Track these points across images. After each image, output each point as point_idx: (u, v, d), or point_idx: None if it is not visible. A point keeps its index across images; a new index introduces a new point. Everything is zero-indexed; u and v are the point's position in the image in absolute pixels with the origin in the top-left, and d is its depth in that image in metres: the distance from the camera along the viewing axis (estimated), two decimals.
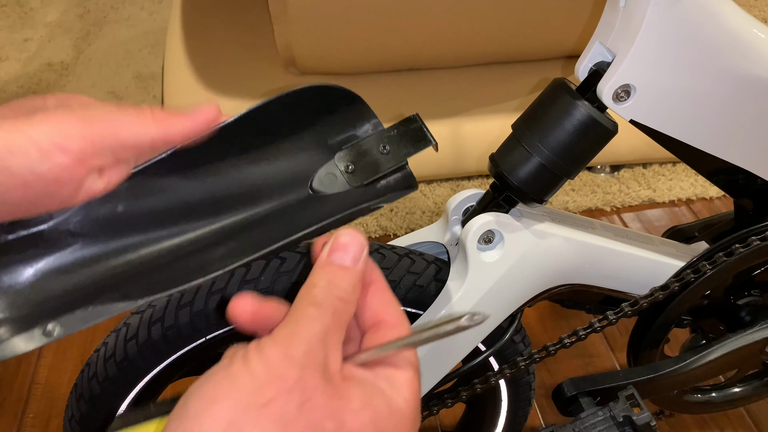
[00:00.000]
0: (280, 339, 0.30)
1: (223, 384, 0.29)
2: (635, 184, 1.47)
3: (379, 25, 1.22)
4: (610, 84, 0.52)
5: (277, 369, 0.29)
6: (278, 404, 0.28)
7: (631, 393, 0.64)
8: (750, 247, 0.66)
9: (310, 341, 0.30)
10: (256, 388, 0.28)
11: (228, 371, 0.29)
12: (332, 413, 0.29)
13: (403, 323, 0.36)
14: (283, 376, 0.29)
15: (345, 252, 0.34)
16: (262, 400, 0.28)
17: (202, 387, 0.29)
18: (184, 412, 0.28)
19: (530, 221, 0.59)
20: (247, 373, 0.29)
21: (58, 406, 1.08)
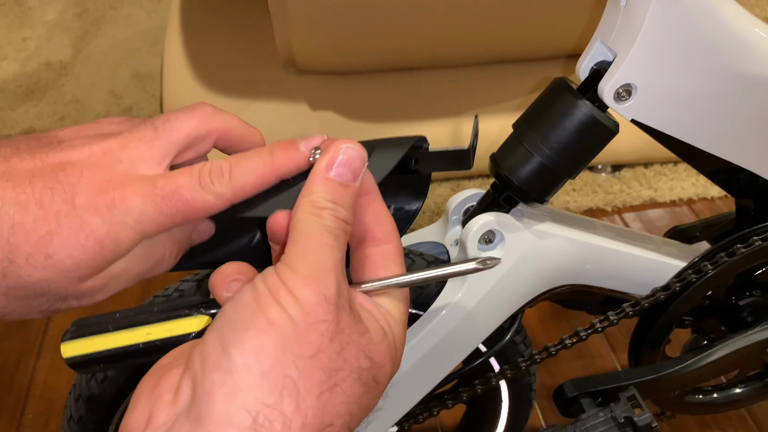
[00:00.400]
0: (309, 274, 0.30)
1: (267, 335, 0.28)
2: (636, 183, 1.47)
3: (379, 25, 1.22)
4: (611, 83, 0.51)
5: (316, 314, 0.29)
6: (325, 354, 0.28)
7: (633, 394, 0.64)
8: (752, 247, 0.65)
9: (337, 277, 0.30)
10: (302, 337, 0.28)
11: (266, 317, 0.28)
12: (364, 351, 0.30)
13: (391, 239, 0.36)
14: (325, 320, 0.29)
15: (346, 168, 0.33)
16: (311, 349, 0.28)
17: (242, 335, 0.28)
18: (227, 363, 0.27)
19: (531, 221, 0.59)
20: (288, 319, 0.28)
21: (56, 406, 1.08)
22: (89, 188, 0.32)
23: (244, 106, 1.35)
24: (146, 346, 0.35)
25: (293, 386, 0.27)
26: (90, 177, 0.32)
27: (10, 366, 1.14)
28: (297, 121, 1.36)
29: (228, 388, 0.27)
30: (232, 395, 0.26)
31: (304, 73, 1.37)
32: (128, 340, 0.36)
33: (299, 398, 0.27)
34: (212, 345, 0.28)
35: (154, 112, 1.65)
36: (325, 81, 1.38)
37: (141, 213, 0.32)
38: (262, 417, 0.26)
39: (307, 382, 0.28)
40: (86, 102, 1.68)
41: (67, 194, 0.31)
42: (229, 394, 0.26)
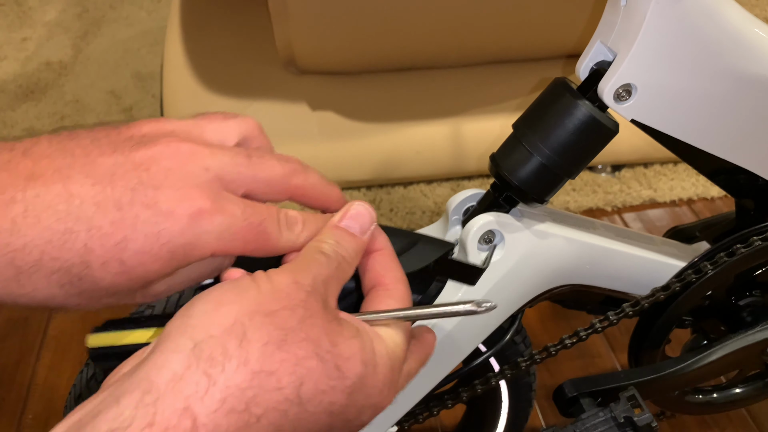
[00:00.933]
0: (289, 269, 0.32)
1: (231, 292, 0.30)
2: (636, 183, 1.47)
3: (380, 25, 1.22)
4: (611, 83, 0.51)
5: (285, 289, 0.31)
6: (282, 316, 0.30)
7: (632, 394, 0.64)
8: (751, 247, 0.65)
9: (316, 277, 0.32)
10: (263, 300, 0.30)
11: (235, 284, 0.31)
12: (328, 333, 0.31)
13: (399, 287, 0.38)
14: (290, 295, 0.31)
15: (355, 221, 0.37)
16: (268, 310, 0.30)
17: (209, 293, 0.30)
18: (189, 311, 0.29)
19: (531, 221, 0.59)
20: (255, 287, 0.30)
21: (57, 406, 1.08)
22: (174, 194, 0.31)
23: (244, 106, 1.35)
24: None
25: (241, 331, 0.29)
26: (175, 181, 0.31)
27: (11, 366, 1.14)
28: (297, 121, 1.36)
29: (182, 327, 0.29)
30: (183, 330, 0.29)
31: (304, 73, 1.37)
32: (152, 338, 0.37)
33: (244, 340, 0.28)
34: (184, 306, 0.31)
35: (154, 113, 1.65)
36: (325, 81, 1.38)
37: (223, 231, 0.32)
38: (204, 345, 0.28)
39: (256, 331, 0.29)
40: (86, 102, 1.68)
41: (149, 198, 0.31)
42: (181, 330, 0.29)
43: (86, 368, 0.62)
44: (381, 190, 1.43)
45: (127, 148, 0.32)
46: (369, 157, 1.38)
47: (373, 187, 1.44)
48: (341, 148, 1.37)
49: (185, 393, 0.26)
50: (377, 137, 1.37)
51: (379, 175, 1.40)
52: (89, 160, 0.31)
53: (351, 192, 1.43)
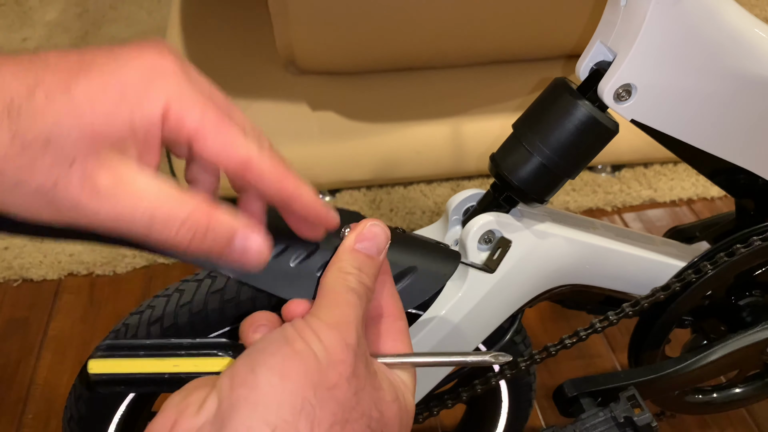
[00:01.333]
0: (334, 323, 0.32)
1: (293, 361, 0.30)
2: (636, 183, 1.47)
3: (379, 25, 1.22)
4: (611, 83, 0.51)
5: (338, 355, 0.31)
6: (342, 389, 0.30)
7: (632, 394, 0.64)
8: (751, 247, 0.65)
9: (357, 329, 0.32)
10: (323, 371, 0.30)
11: (292, 348, 0.30)
12: (376, 403, 0.32)
13: (403, 316, 0.38)
14: (344, 362, 0.31)
15: (372, 242, 0.36)
16: (329, 383, 0.30)
17: (269, 359, 0.30)
18: (253, 380, 0.29)
19: (531, 221, 0.59)
20: (312, 353, 0.30)
21: (57, 406, 1.08)
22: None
23: (244, 106, 1.35)
24: (171, 377, 0.37)
25: (311, 410, 0.29)
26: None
27: (11, 366, 1.14)
28: (297, 121, 1.36)
29: (252, 402, 0.28)
30: (255, 408, 0.28)
31: (304, 73, 1.37)
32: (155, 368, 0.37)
33: (314, 422, 0.29)
34: (241, 366, 0.30)
35: None
36: (325, 81, 1.38)
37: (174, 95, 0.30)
38: (280, 430, 0.28)
39: (323, 411, 0.29)
40: None
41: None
42: (252, 407, 0.28)
43: None
44: (381, 190, 1.43)
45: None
46: (369, 157, 1.38)
47: (373, 187, 1.44)
48: (341, 148, 1.37)
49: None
50: (377, 137, 1.37)
51: (379, 175, 1.40)
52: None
53: (351, 192, 1.43)
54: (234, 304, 0.56)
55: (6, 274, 1.29)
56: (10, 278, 1.29)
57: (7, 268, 1.30)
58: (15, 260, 1.30)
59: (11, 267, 1.30)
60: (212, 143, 0.30)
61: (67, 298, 1.25)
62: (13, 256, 1.31)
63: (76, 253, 1.32)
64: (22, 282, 1.29)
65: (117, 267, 1.30)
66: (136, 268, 1.31)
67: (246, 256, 0.33)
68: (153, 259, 1.31)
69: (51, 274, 1.29)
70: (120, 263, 1.31)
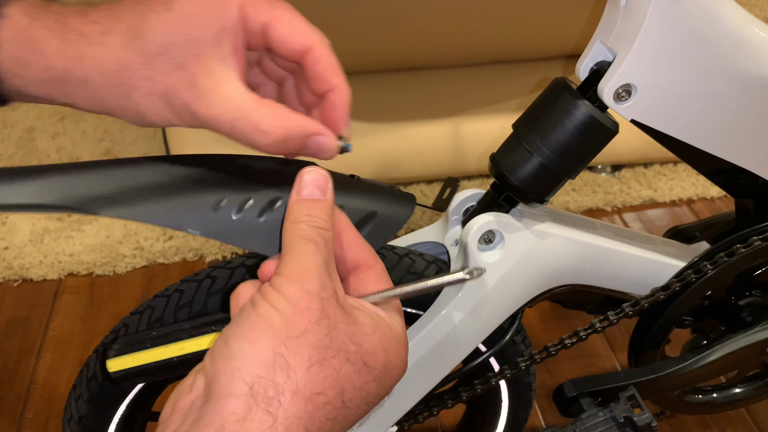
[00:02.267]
0: (293, 276, 0.34)
1: (258, 324, 0.33)
2: (636, 183, 1.47)
3: (379, 25, 1.22)
4: (611, 83, 0.51)
5: (302, 303, 0.33)
6: (312, 333, 0.33)
7: (632, 393, 0.64)
8: (751, 247, 0.65)
9: (320, 274, 0.34)
10: (289, 323, 0.32)
11: (257, 312, 0.33)
12: (352, 337, 0.34)
13: (379, 261, 0.40)
14: (309, 308, 0.33)
15: (313, 186, 0.38)
16: (297, 331, 0.32)
17: (238, 329, 0.33)
18: (227, 351, 0.32)
19: (531, 221, 0.59)
20: (276, 311, 0.33)
21: (57, 406, 1.08)
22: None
23: None
24: (180, 360, 0.41)
25: (283, 361, 0.32)
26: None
27: (11, 366, 1.14)
28: None
29: (229, 370, 0.32)
30: (232, 374, 0.31)
31: None
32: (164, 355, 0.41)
33: (289, 370, 0.32)
34: (218, 342, 0.33)
35: None
36: None
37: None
38: (257, 386, 0.31)
39: (296, 357, 0.32)
40: None
41: None
42: (229, 373, 0.31)
43: (86, 368, 0.62)
44: None
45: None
46: (369, 157, 1.38)
47: None
48: None
49: (255, 430, 0.30)
50: (377, 137, 1.37)
51: (379, 175, 1.40)
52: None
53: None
54: None
55: (6, 274, 1.29)
56: (11, 278, 1.29)
57: (8, 268, 1.30)
58: (15, 260, 1.31)
59: (11, 267, 1.30)
60: (283, 28, 0.37)
61: (67, 298, 1.25)
62: (14, 256, 1.31)
63: (76, 253, 1.32)
64: (23, 282, 1.29)
65: (117, 267, 1.30)
66: (136, 268, 1.31)
67: (320, 152, 0.39)
68: (153, 259, 1.31)
69: (51, 274, 1.29)
70: (120, 263, 1.31)
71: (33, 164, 1.58)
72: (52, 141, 1.56)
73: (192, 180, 0.40)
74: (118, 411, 0.62)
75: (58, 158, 1.51)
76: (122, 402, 0.61)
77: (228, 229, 0.39)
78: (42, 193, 0.37)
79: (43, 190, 0.37)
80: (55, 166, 0.39)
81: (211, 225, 0.39)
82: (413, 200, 0.46)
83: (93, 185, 0.38)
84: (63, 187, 0.38)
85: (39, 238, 1.34)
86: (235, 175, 0.40)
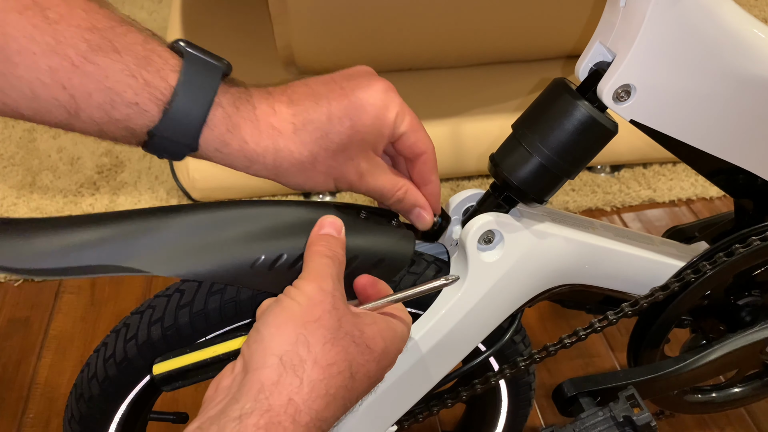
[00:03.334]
0: (311, 278, 0.43)
1: (282, 313, 0.41)
2: (635, 184, 1.47)
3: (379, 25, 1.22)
4: (611, 84, 0.52)
5: (317, 297, 0.42)
6: (325, 319, 0.41)
7: (632, 393, 0.64)
8: (750, 247, 0.65)
9: (332, 279, 0.44)
10: (307, 311, 0.41)
11: (281, 305, 0.41)
12: (356, 325, 0.43)
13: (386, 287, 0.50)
14: (323, 301, 0.42)
15: (331, 227, 0.48)
16: (314, 317, 0.41)
17: (267, 319, 0.41)
18: (259, 337, 0.40)
19: (530, 221, 0.59)
20: (296, 303, 0.41)
21: (57, 406, 1.08)
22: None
23: None
24: (213, 360, 0.47)
25: (304, 339, 0.40)
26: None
27: (12, 366, 1.14)
28: None
29: (261, 349, 0.40)
30: (264, 351, 0.39)
31: (305, 73, 1.37)
32: (201, 357, 0.47)
33: (309, 345, 0.40)
34: (251, 334, 0.42)
35: None
36: None
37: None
38: (285, 357, 0.39)
39: (314, 336, 0.40)
40: None
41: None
42: (262, 352, 0.39)
43: (87, 368, 0.62)
44: None
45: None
46: None
47: None
48: None
49: (286, 390, 0.38)
50: None
51: None
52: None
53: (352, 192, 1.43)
54: (234, 303, 0.56)
55: (7, 274, 1.29)
56: (11, 278, 1.29)
57: None
58: None
59: None
60: (413, 137, 0.50)
61: (68, 298, 1.25)
62: None
63: None
64: (23, 282, 1.29)
65: None
66: None
67: (417, 221, 0.54)
68: None
69: None
70: None
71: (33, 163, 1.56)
72: (53, 141, 1.56)
73: (232, 237, 0.48)
74: (118, 411, 0.62)
75: (59, 158, 1.51)
76: (123, 401, 0.61)
77: (261, 282, 0.48)
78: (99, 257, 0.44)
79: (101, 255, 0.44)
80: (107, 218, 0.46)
81: (247, 279, 0.48)
82: (413, 238, 0.54)
83: (144, 246, 0.45)
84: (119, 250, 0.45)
85: None
86: (268, 229, 0.49)
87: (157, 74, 0.41)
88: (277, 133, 0.45)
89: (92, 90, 0.39)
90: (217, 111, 0.42)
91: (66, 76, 0.38)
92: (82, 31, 0.38)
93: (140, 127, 0.41)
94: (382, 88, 0.48)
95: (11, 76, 0.38)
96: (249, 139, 0.44)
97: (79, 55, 0.38)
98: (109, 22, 0.40)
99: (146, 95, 0.40)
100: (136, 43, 0.41)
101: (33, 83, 0.38)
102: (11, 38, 0.37)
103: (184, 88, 0.41)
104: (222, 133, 0.43)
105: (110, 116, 0.40)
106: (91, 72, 0.38)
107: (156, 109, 0.41)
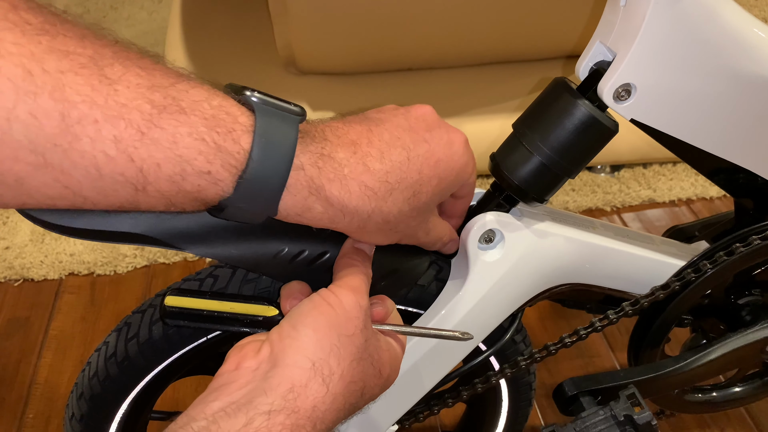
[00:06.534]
0: (350, 290, 0.44)
1: (321, 319, 0.42)
2: (635, 183, 1.47)
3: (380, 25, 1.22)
4: (611, 83, 0.52)
5: (354, 312, 0.43)
6: (357, 337, 0.42)
7: (632, 392, 0.64)
8: (750, 246, 0.66)
9: (367, 296, 0.45)
10: (343, 324, 0.42)
11: (319, 310, 0.42)
12: (376, 350, 0.45)
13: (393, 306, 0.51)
14: (358, 317, 0.43)
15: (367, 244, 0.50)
16: (348, 332, 0.42)
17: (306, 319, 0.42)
18: (295, 333, 0.41)
19: (531, 221, 0.59)
20: (335, 313, 0.42)
21: (57, 405, 1.08)
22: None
23: None
24: (228, 315, 0.47)
25: (337, 351, 0.41)
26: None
27: (12, 365, 1.14)
28: None
29: (295, 347, 0.40)
30: (298, 350, 0.40)
31: (304, 73, 1.37)
32: (216, 307, 0.47)
33: (340, 358, 0.41)
34: (286, 324, 0.42)
35: None
36: (325, 81, 1.38)
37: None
38: (318, 364, 0.40)
39: (345, 351, 0.41)
40: None
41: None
42: (296, 350, 0.40)
43: (88, 367, 0.62)
44: None
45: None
46: None
47: None
48: None
49: (312, 396, 0.39)
50: None
51: None
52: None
53: None
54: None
55: (7, 274, 1.29)
56: (11, 278, 1.29)
57: (8, 267, 1.30)
58: (16, 260, 1.31)
59: (12, 267, 1.30)
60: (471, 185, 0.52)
61: (68, 298, 1.26)
62: (14, 256, 1.31)
63: (77, 253, 1.32)
64: (23, 282, 1.29)
65: (118, 267, 1.30)
66: (137, 267, 1.31)
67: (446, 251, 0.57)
68: (153, 258, 1.32)
69: (52, 273, 1.29)
70: (121, 263, 1.31)
71: None
72: None
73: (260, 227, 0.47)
74: (119, 410, 0.62)
75: None
76: (124, 400, 0.61)
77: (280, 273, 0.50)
78: (136, 225, 0.43)
79: (137, 223, 0.43)
80: None
81: (267, 267, 0.49)
82: (427, 259, 0.58)
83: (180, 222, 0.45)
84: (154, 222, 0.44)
85: (40, 238, 1.34)
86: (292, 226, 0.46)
87: (229, 136, 0.35)
88: (371, 194, 0.42)
89: (161, 159, 0.33)
90: (298, 174, 0.38)
91: (133, 145, 0.32)
92: (144, 90, 0.33)
93: (212, 198, 0.36)
94: (464, 143, 0.49)
95: (73, 151, 0.31)
96: (335, 201, 0.40)
97: (144, 119, 0.32)
98: (168, 78, 0.34)
99: (218, 162, 0.35)
100: (201, 99, 0.35)
101: (97, 158, 0.32)
102: (71, 105, 0.30)
103: (260, 152, 0.36)
104: (304, 198, 0.39)
105: (180, 188, 0.35)
106: (158, 138, 0.33)
107: (230, 178, 0.36)
